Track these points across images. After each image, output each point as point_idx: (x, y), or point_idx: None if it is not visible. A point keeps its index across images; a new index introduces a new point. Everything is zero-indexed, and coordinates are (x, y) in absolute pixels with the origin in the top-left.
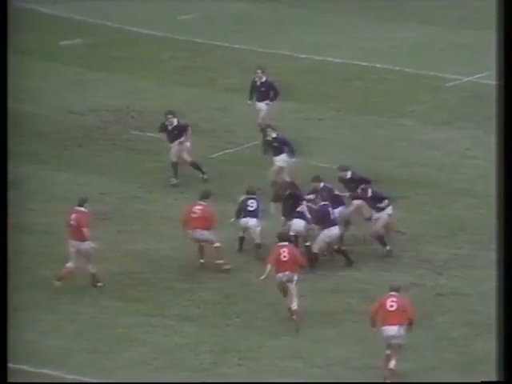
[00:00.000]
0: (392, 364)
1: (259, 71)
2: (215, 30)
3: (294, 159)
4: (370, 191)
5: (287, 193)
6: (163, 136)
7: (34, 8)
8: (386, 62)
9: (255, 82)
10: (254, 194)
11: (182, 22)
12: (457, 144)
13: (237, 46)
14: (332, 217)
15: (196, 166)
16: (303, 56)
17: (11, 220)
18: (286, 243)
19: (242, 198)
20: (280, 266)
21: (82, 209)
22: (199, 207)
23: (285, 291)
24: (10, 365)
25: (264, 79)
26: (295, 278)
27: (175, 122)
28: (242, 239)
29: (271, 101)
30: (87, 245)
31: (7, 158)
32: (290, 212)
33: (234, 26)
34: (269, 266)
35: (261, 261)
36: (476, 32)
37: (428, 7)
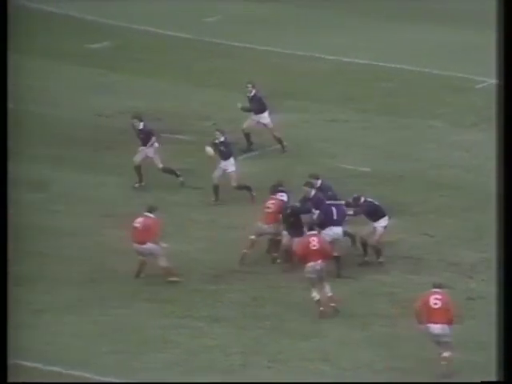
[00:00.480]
0: (446, 353)
1: (249, 85)
2: (238, 32)
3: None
4: (362, 199)
5: (288, 211)
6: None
7: (57, 11)
8: (411, 63)
9: (247, 96)
10: (282, 186)
11: (205, 23)
12: (484, 146)
13: (260, 47)
14: (335, 217)
15: (139, 172)
16: (328, 57)
17: (38, 222)
18: (315, 232)
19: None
20: (311, 254)
21: (149, 214)
22: (272, 201)
23: (315, 282)
24: (40, 366)
25: (253, 93)
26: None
27: (141, 125)
28: (271, 240)
29: (256, 114)
30: (147, 247)
31: (7, 158)
32: (292, 228)
33: (258, 27)
34: (297, 257)
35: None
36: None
37: (452, 9)
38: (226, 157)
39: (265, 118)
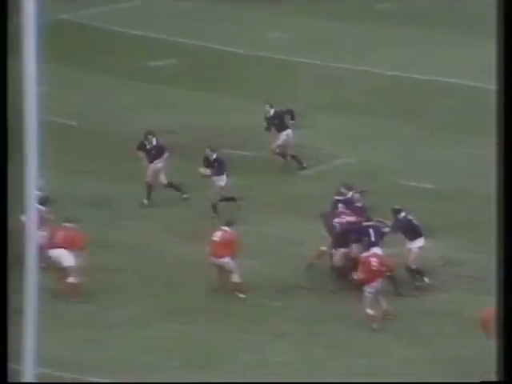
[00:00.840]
0: None
1: (267, 106)
2: (299, 48)
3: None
4: (402, 214)
5: (337, 230)
6: (141, 154)
7: (121, 30)
8: (472, 79)
9: (266, 116)
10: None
11: (271, 39)
12: None
13: (323, 62)
14: (372, 238)
15: (175, 187)
16: (389, 73)
17: (103, 238)
18: (373, 252)
19: (332, 199)
20: (372, 275)
21: (227, 228)
22: (348, 211)
23: (372, 299)
24: (101, 380)
25: (272, 112)
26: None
27: (154, 141)
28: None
29: (279, 132)
30: (223, 261)
31: (7, 163)
32: (340, 246)
33: (317, 42)
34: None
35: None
36: None
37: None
38: (218, 173)
39: (282, 135)
